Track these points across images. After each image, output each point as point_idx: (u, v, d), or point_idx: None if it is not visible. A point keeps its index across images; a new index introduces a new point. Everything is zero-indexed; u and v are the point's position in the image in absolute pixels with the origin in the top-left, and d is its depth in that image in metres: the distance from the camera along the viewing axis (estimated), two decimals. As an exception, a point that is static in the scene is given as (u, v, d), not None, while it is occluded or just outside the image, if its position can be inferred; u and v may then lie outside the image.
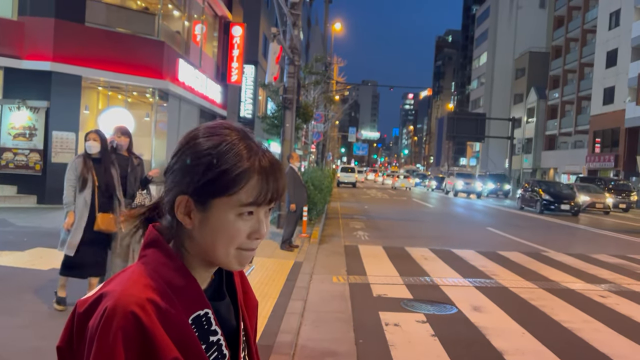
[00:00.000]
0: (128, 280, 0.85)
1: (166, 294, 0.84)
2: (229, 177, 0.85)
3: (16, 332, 4.33)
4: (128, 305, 0.79)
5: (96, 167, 4.96)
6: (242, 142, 0.88)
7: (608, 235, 14.93)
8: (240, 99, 26.49)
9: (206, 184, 0.86)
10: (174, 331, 0.82)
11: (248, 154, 0.86)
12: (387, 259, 9.22)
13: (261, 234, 0.88)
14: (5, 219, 10.42)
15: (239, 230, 0.87)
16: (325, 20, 35.59)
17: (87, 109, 15.13)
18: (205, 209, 0.87)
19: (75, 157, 5.06)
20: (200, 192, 0.86)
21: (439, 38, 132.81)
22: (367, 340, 4.88)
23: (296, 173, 9.55)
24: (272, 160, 0.89)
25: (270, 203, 0.89)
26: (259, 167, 0.86)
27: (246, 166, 0.85)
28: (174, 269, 0.88)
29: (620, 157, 37.11)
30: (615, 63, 39.29)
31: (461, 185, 37.41)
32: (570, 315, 6.06)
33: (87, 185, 4.89)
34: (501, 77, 67.54)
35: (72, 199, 4.88)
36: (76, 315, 0.85)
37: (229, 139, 0.87)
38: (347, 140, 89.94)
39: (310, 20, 57.69)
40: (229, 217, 0.86)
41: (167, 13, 17.95)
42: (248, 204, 0.86)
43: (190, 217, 0.88)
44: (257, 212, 0.88)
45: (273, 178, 0.87)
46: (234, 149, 0.86)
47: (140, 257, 0.91)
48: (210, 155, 0.86)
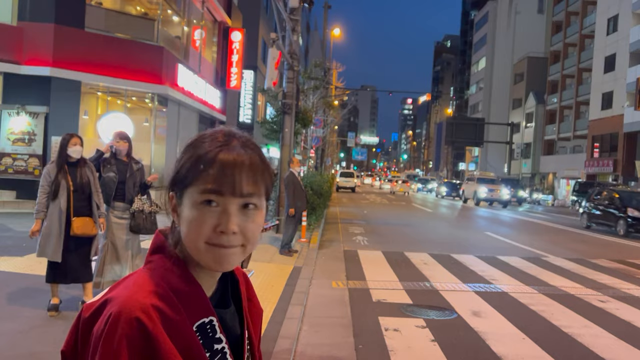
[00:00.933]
0: (133, 286, 0.84)
1: (171, 301, 0.84)
2: (190, 164, 0.87)
3: (14, 337, 4.31)
4: (133, 312, 0.79)
5: (71, 172, 4.91)
6: (215, 138, 0.89)
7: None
8: (240, 104, 26.52)
9: (176, 174, 0.89)
10: (178, 338, 0.82)
11: (211, 145, 0.87)
12: (387, 264, 9.21)
13: (226, 227, 0.85)
14: (4, 224, 10.40)
15: (203, 221, 0.85)
16: (324, 25, 35.68)
17: (87, 114, 15.14)
18: (181, 202, 0.88)
19: (49, 164, 4.98)
20: (174, 183, 0.90)
21: (438, 43, 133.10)
22: (366, 346, 4.86)
23: (296, 178, 9.55)
24: (239, 155, 0.87)
25: (234, 195, 0.86)
26: (220, 157, 0.86)
27: (206, 155, 0.86)
28: (179, 276, 0.88)
29: (619, 162, 37.14)
30: (614, 68, 39.39)
31: (485, 193, 31.69)
32: (570, 320, 6.05)
33: (60, 191, 4.83)
34: (500, 82, 67.68)
35: (43, 206, 4.82)
36: (81, 320, 0.85)
37: (206, 135, 0.90)
38: (346, 145, 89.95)
39: (309, 26, 57.85)
40: (195, 206, 0.86)
41: (167, 18, 17.98)
42: (208, 190, 0.85)
43: (177, 214, 0.90)
44: (223, 205, 0.85)
45: (232, 171, 0.86)
46: (203, 142, 0.89)
47: (147, 263, 0.91)
48: (185, 149, 0.90)
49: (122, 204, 5.28)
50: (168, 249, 0.90)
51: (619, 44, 38.49)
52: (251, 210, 0.88)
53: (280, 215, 11.12)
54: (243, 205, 0.87)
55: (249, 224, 0.88)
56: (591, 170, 40.56)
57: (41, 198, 4.82)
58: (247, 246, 0.89)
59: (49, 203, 4.84)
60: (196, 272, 0.90)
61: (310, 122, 20.10)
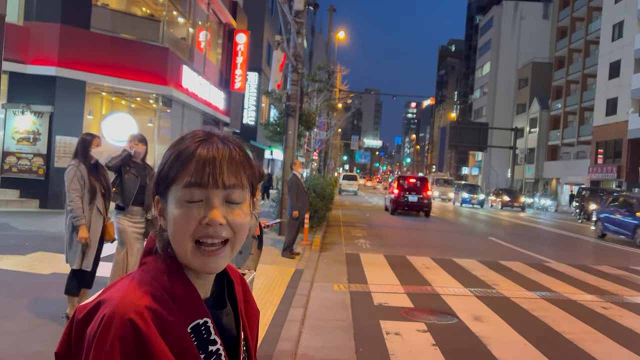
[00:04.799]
0: (127, 287, 0.85)
1: (165, 302, 0.84)
2: (171, 161, 0.88)
3: (17, 336, 4.32)
4: (126, 313, 0.79)
5: (95, 173, 4.75)
6: (195, 135, 0.91)
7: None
8: (244, 106, 26.58)
9: (159, 173, 0.90)
10: (172, 340, 0.82)
11: (191, 141, 0.89)
12: (389, 268, 9.20)
13: (211, 218, 0.86)
14: (7, 222, 10.44)
15: (189, 216, 0.86)
16: (329, 28, 35.70)
17: (91, 114, 15.19)
18: (166, 203, 0.89)
19: (76, 165, 4.68)
20: (158, 184, 0.90)
21: (442, 47, 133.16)
22: (367, 349, 4.86)
23: (299, 180, 9.55)
24: (219, 149, 0.89)
25: (216, 187, 0.87)
26: (199, 151, 0.87)
27: (186, 150, 0.88)
28: (173, 277, 0.87)
29: (623, 168, 37.03)
30: (619, 74, 39.31)
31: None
32: (571, 326, 6.03)
33: (97, 194, 4.66)
34: (504, 87, 67.63)
35: (82, 210, 4.58)
36: (75, 322, 0.85)
37: (187, 134, 0.92)
38: (349, 148, 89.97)
39: (314, 29, 57.90)
40: (180, 204, 0.87)
41: (172, 20, 18.04)
42: (190, 184, 0.86)
43: (163, 217, 0.90)
44: (206, 198, 0.87)
45: (213, 163, 0.87)
46: (184, 139, 0.91)
47: (141, 264, 0.91)
48: (167, 149, 0.92)
49: (140, 208, 5.00)
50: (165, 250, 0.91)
51: (624, 50, 38.41)
52: (235, 203, 0.89)
53: (283, 217, 11.12)
54: (226, 199, 0.88)
55: (235, 215, 0.89)
56: (595, 177, 40.45)
57: (78, 202, 4.57)
58: (235, 240, 0.89)
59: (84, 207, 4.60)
60: (191, 273, 0.90)
61: (314, 125, 20.13)
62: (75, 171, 4.62)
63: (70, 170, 4.64)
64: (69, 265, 4.74)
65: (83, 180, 4.61)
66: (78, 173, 4.62)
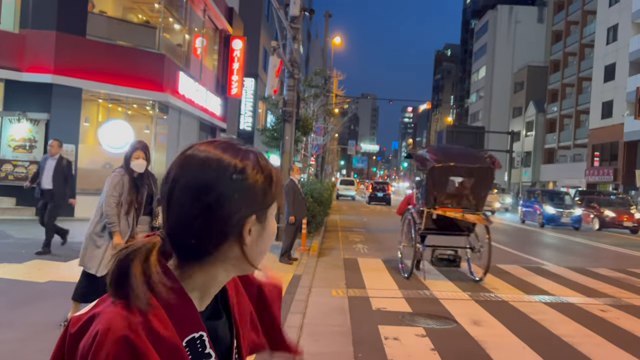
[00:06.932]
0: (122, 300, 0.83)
1: (161, 316, 0.82)
2: (263, 185, 0.90)
3: (13, 345, 4.29)
4: (120, 329, 0.77)
5: (134, 188, 4.65)
6: (255, 153, 0.93)
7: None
8: (240, 112, 26.57)
9: (254, 198, 0.89)
10: (167, 354, 0.80)
11: (261, 159, 0.93)
12: (387, 272, 9.19)
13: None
14: (3, 230, 10.39)
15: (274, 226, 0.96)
16: (325, 34, 35.80)
17: (87, 121, 15.17)
18: (264, 219, 0.92)
19: (121, 173, 4.60)
20: (254, 206, 0.90)
21: (438, 52, 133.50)
22: (366, 355, 4.84)
23: (296, 185, 9.55)
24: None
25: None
26: (271, 169, 0.93)
27: (265, 169, 0.92)
28: (169, 290, 0.85)
29: (619, 171, 37.15)
30: (614, 77, 39.49)
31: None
32: (570, 329, 6.02)
33: (131, 208, 4.58)
34: (500, 90, 67.81)
35: (117, 217, 4.52)
36: (68, 335, 0.83)
37: (245, 151, 0.91)
38: (346, 153, 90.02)
39: (310, 34, 58.05)
40: (272, 216, 0.95)
41: (168, 26, 18.05)
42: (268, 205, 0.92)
43: (250, 234, 0.89)
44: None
45: (278, 177, 0.96)
46: (252, 158, 0.91)
47: None
48: (244, 173, 0.89)
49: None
50: (161, 262, 0.88)
51: (619, 53, 38.61)
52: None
53: (280, 222, 11.11)
54: None
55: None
56: (591, 179, 40.56)
57: (114, 208, 4.50)
58: None
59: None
60: (188, 287, 0.88)
61: (311, 130, 20.15)
62: (119, 179, 4.58)
63: (115, 177, 4.59)
64: (80, 270, 4.62)
65: (122, 190, 4.56)
66: (121, 182, 4.57)
